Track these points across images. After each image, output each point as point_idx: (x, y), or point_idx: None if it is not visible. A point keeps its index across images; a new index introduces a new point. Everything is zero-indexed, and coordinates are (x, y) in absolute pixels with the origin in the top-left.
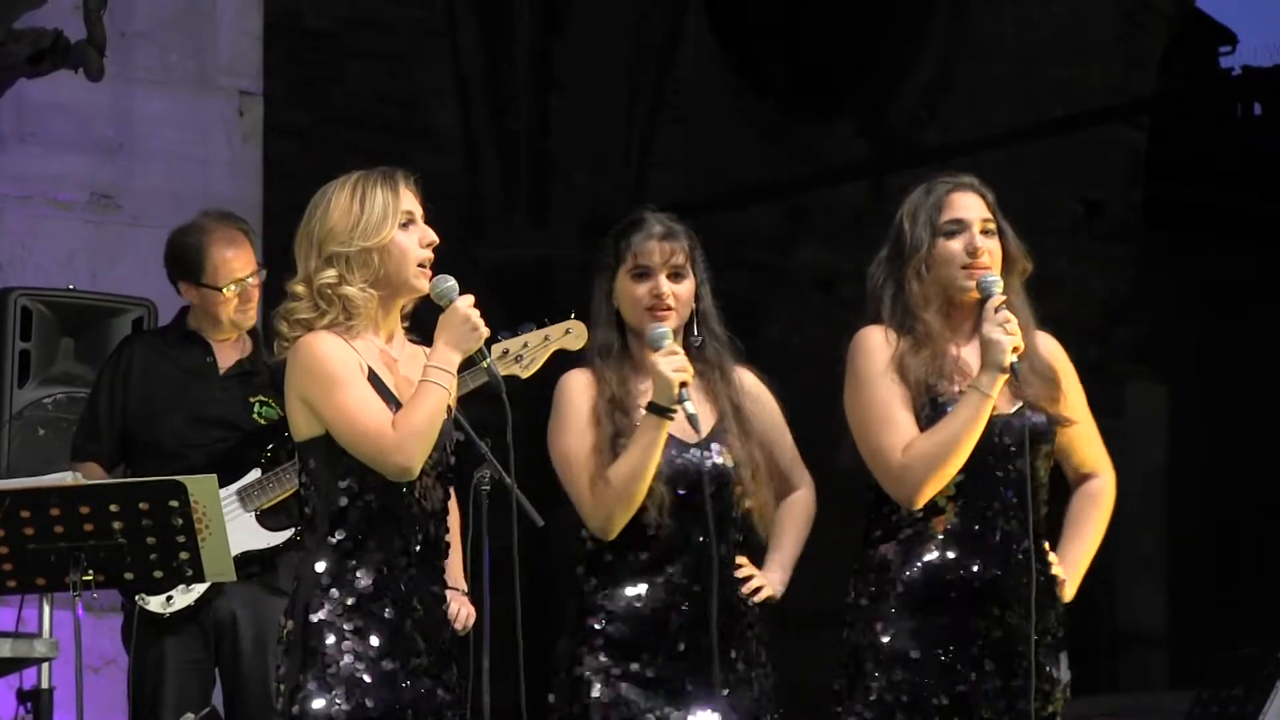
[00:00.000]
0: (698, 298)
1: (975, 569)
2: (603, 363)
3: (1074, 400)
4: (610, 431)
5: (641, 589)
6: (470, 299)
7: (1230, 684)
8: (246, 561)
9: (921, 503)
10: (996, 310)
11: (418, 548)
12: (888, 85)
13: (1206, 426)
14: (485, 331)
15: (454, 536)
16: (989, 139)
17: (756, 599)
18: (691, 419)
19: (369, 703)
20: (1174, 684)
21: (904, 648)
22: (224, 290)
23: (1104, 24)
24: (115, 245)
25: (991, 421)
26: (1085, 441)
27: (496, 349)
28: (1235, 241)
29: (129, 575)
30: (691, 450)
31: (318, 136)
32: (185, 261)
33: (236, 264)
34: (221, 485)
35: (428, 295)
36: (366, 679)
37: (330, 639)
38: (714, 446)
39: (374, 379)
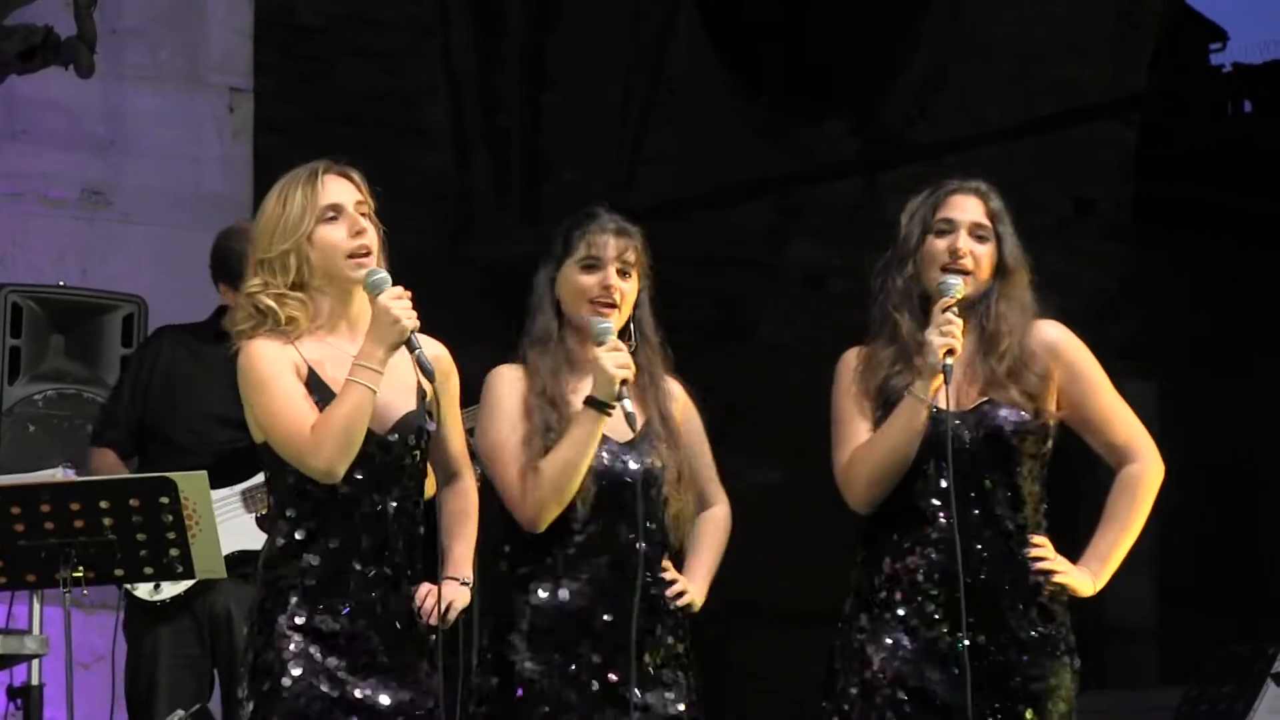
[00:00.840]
0: (637, 303)
1: (957, 572)
2: (537, 352)
3: (1089, 382)
4: (541, 424)
5: (566, 584)
6: (398, 291)
7: (1221, 681)
8: (242, 561)
9: (867, 508)
10: (943, 311)
11: (371, 546)
12: (880, 83)
13: (1197, 423)
14: (410, 325)
15: (463, 525)
16: (981, 136)
17: (680, 603)
18: (629, 417)
19: (309, 703)
20: (1164, 680)
21: (883, 651)
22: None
23: (1095, 22)
24: (106, 242)
25: (956, 426)
26: (1110, 423)
27: None
28: (1226, 238)
29: (119, 572)
30: (622, 449)
31: (309, 133)
32: (228, 266)
33: None
34: (227, 485)
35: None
36: (321, 678)
37: (281, 638)
38: (643, 447)
39: (313, 379)
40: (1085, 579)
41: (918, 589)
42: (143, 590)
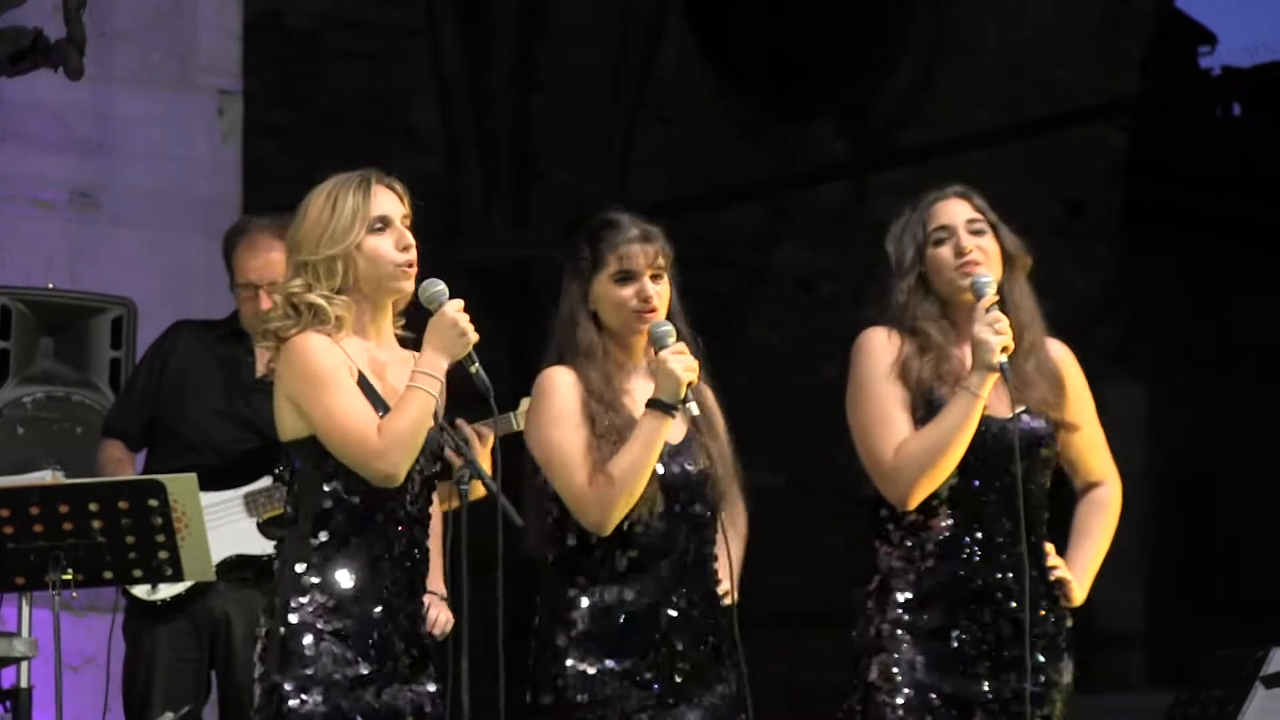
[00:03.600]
0: (669, 299)
1: (973, 572)
2: (585, 363)
3: (1081, 408)
4: (603, 428)
5: (629, 589)
6: (459, 304)
7: (1210, 684)
8: (240, 565)
9: (914, 503)
10: (988, 310)
11: (399, 552)
12: (869, 85)
13: (1187, 426)
14: (474, 337)
15: (434, 542)
16: (969, 139)
17: (725, 600)
18: (696, 419)
19: (345, 705)
20: (1153, 683)
21: (903, 650)
22: (239, 291)
23: (1084, 24)
24: (96, 245)
25: (988, 424)
26: (1093, 449)
27: (525, 402)
28: (1216, 241)
29: (108, 574)
30: (675, 451)
31: (298, 135)
32: (226, 260)
33: (250, 265)
34: (231, 486)
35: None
36: (344, 682)
37: (309, 640)
38: (694, 448)
39: (363, 382)
40: (1077, 587)
41: (940, 592)
42: (141, 590)
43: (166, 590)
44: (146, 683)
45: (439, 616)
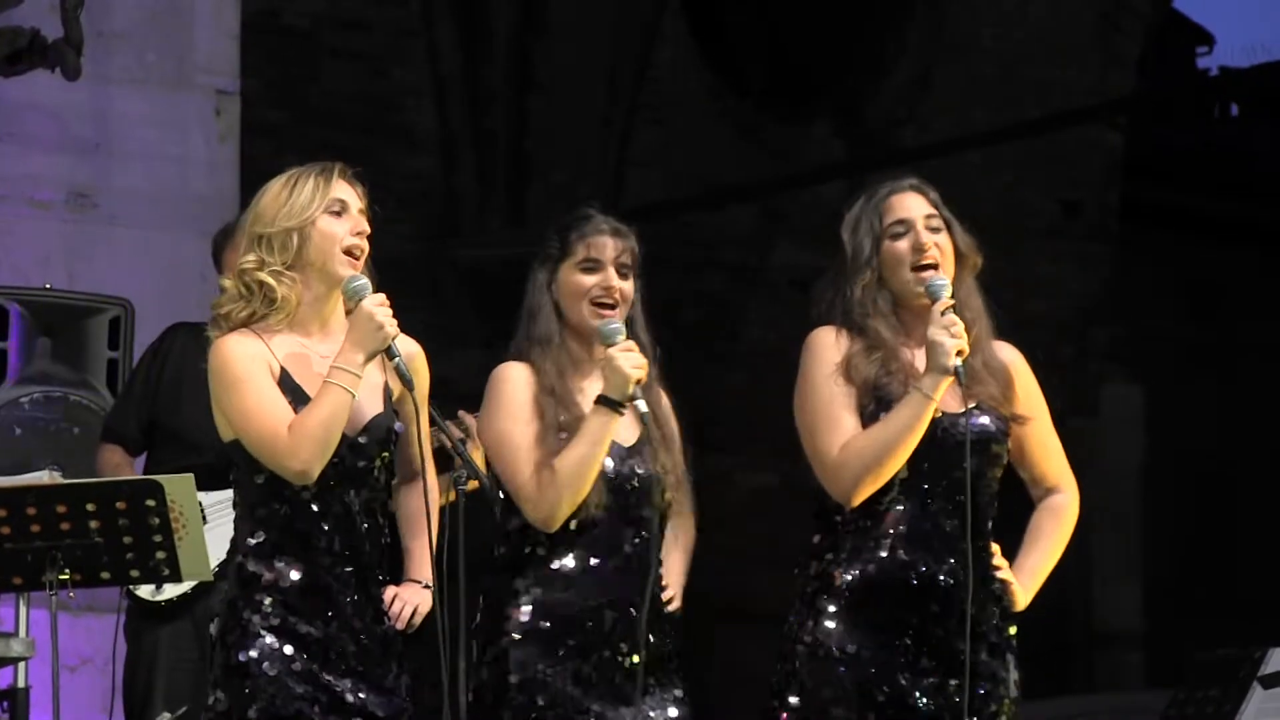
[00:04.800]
0: (632, 303)
1: (919, 568)
2: (540, 354)
3: (1033, 408)
4: (553, 422)
5: (572, 588)
6: (380, 298)
7: (1207, 685)
8: None
9: (857, 500)
10: (943, 313)
11: (343, 547)
12: (865, 86)
13: (1183, 426)
14: (392, 332)
15: (418, 528)
16: (966, 139)
17: (670, 607)
18: (644, 416)
19: (285, 702)
20: (1150, 684)
21: (841, 643)
22: None
23: (1081, 25)
24: (93, 244)
25: (938, 421)
26: (1047, 455)
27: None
28: (1212, 242)
29: (105, 574)
30: (626, 453)
31: (295, 135)
32: (216, 261)
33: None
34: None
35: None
36: (287, 679)
37: (254, 638)
38: (645, 451)
39: (285, 379)
40: (1020, 591)
41: (884, 586)
42: (144, 590)
43: (170, 590)
44: (147, 683)
45: (403, 609)
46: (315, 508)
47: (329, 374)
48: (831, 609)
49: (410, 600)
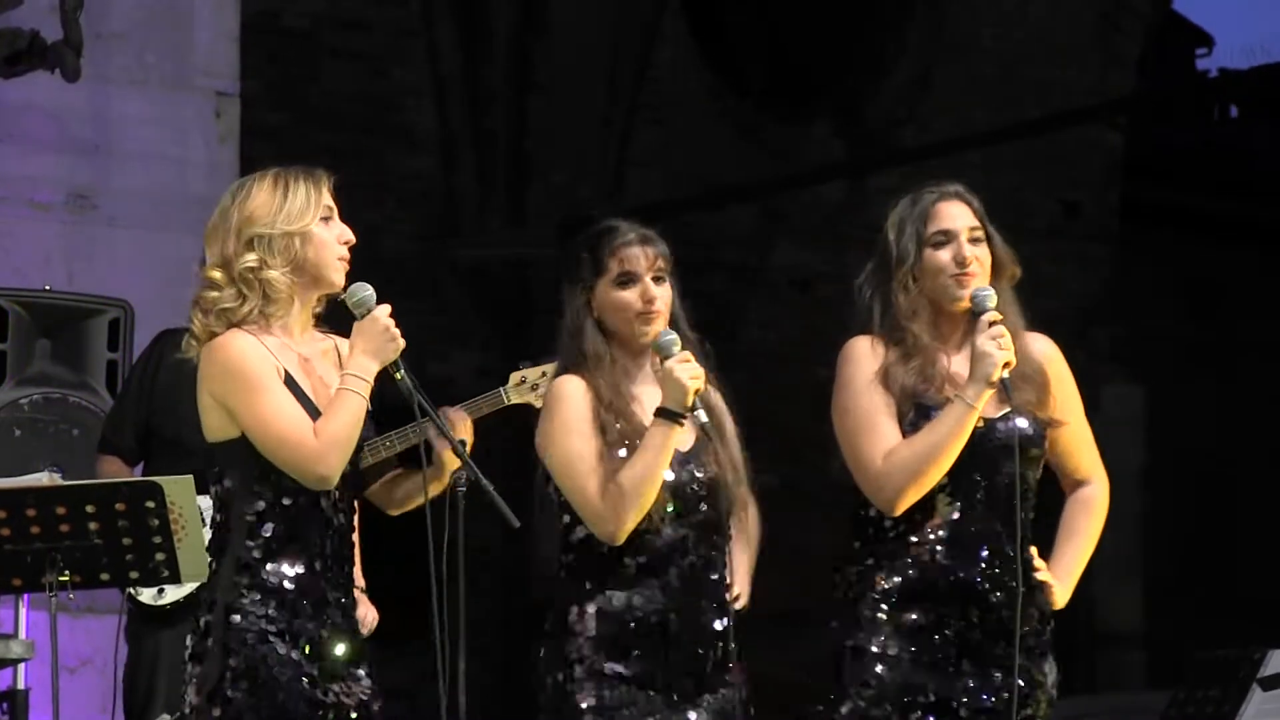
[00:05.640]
0: (671, 302)
1: (959, 573)
2: (593, 371)
3: (1068, 405)
4: (616, 438)
5: (638, 595)
6: (388, 309)
7: (1207, 685)
8: None
9: (900, 509)
10: (991, 324)
11: (332, 550)
12: (865, 85)
13: (1184, 426)
14: (402, 343)
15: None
16: (966, 139)
17: (737, 605)
18: (704, 426)
19: (287, 705)
20: (1151, 684)
21: (884, 648)
22: None
23: (1081, 25)
24: (92, 246)
25: (975, 427)
26: (1080, 449)
27: (515, 376)
28: (1212, 242)
29: (105, 576)
30: (685, 459)
31: (295, 136)
32: None
33: None
34: None
35: (337, 297)
36: (285, 683)
37: (249, 642)
38: (703, 455)
39: (290, 382)
40: (1059, 590)
41: (925, 591)
42: (147, 595)
43: (171, 595)
44: (148, 685)
45: (366, 615)
46: (307, 517)
47: (345, 381)
48: (873, 615)
49: (369, 605)
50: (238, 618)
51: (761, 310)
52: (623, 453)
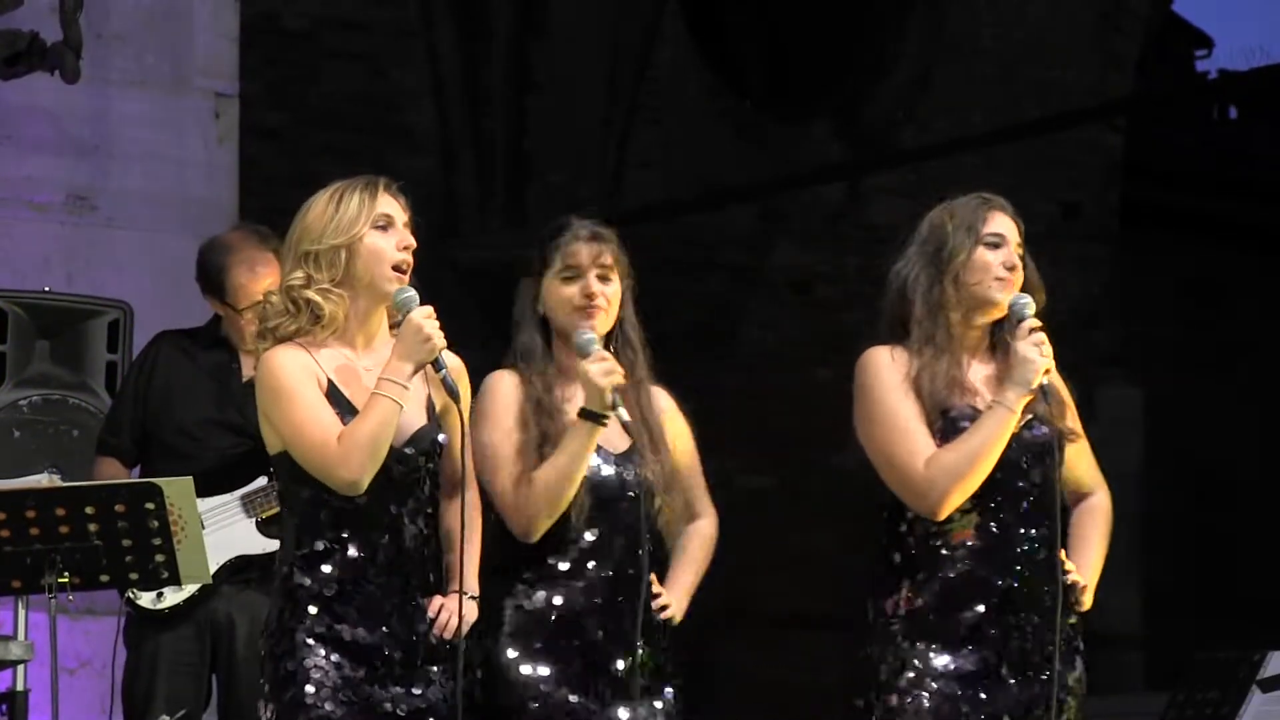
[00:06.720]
0: (621, 303)
1: (995, 581)
2: (527, 366)
3: (1072, 420)
4: (536, 435)
5: (559, 594)
6: (428, 310)
7: (1206, 687)
8: (245, 566)
9: (945, 514)
10: (1031, 331)
11: (386, 557)
12: (865, 86)
13: (1184, 428)
14: (439, 344)
15: (457, 541)
16: (966, 140)
17: (663, 616)
18: (627, 425)
19: (338, 711)
20: (1150, 686)
21: (925, 660)
22: (243, 313)
23: (1081, 26)
24: (91, 247)
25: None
26: (1082, 460)
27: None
28: (1212, 244)
29: (104, 578)
30: (616, 460)
31: (294, 138)
32: (209, 278)
33: (255, 288)
34: (228, 490)
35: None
36: (336, 687)
37: (302, 648)
38: (635, 458)
39: (332, 390)
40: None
41: (960, 600)
42: (146, 599)
43: (170, 599)
44: (148, 687)
45: (450, 620)
46: (361, 518)
47: (377, 385)
48: (910, 627)
49: (454, 609)
50: (289, 624)
51: (761, 311)
52: (545, 451)
